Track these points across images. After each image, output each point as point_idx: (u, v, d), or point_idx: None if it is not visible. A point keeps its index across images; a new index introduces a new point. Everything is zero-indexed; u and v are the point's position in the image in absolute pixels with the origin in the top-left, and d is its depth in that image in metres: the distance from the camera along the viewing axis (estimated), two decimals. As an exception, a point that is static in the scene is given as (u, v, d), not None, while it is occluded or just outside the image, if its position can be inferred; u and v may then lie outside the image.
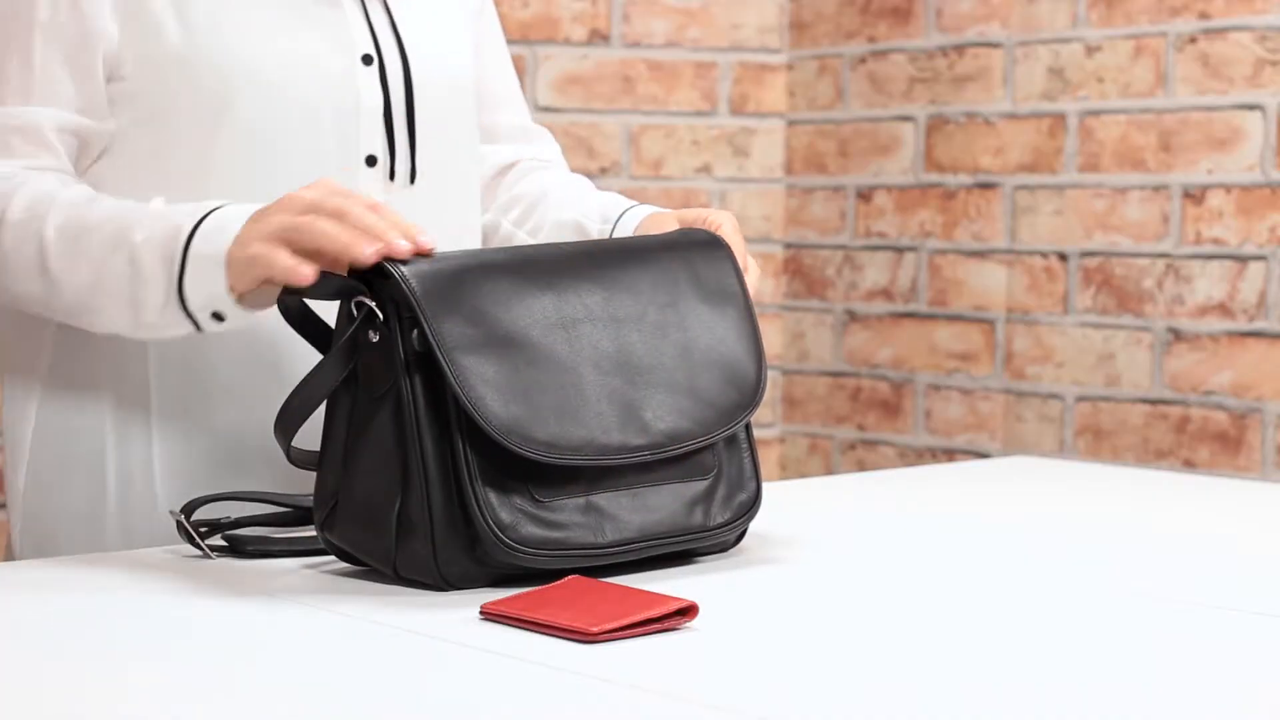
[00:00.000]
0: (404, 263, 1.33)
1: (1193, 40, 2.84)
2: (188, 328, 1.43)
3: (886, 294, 3.25)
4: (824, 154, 3.34)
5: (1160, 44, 2.87)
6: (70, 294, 1.47)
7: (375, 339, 1.34)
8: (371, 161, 1.56)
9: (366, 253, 1.32)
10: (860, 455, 3.31)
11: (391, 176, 1.58)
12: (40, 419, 1.58)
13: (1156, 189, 2.89)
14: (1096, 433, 2.97)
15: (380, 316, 1.33)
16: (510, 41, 3.14)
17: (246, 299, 1.40)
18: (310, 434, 1.55)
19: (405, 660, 1.15)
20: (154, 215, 1.43)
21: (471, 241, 1.67)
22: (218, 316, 1.41)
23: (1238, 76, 2.79)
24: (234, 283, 1.39)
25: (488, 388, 1.32)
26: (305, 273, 1.33)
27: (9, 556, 1.63)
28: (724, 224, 1.54)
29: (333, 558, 1.42)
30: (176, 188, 1.51)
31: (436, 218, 1.58)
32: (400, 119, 1.58)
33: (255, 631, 1.23)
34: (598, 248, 1.45)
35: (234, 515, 1.47)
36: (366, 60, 1.57)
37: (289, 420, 1.36)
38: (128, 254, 1.43)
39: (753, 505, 1.46)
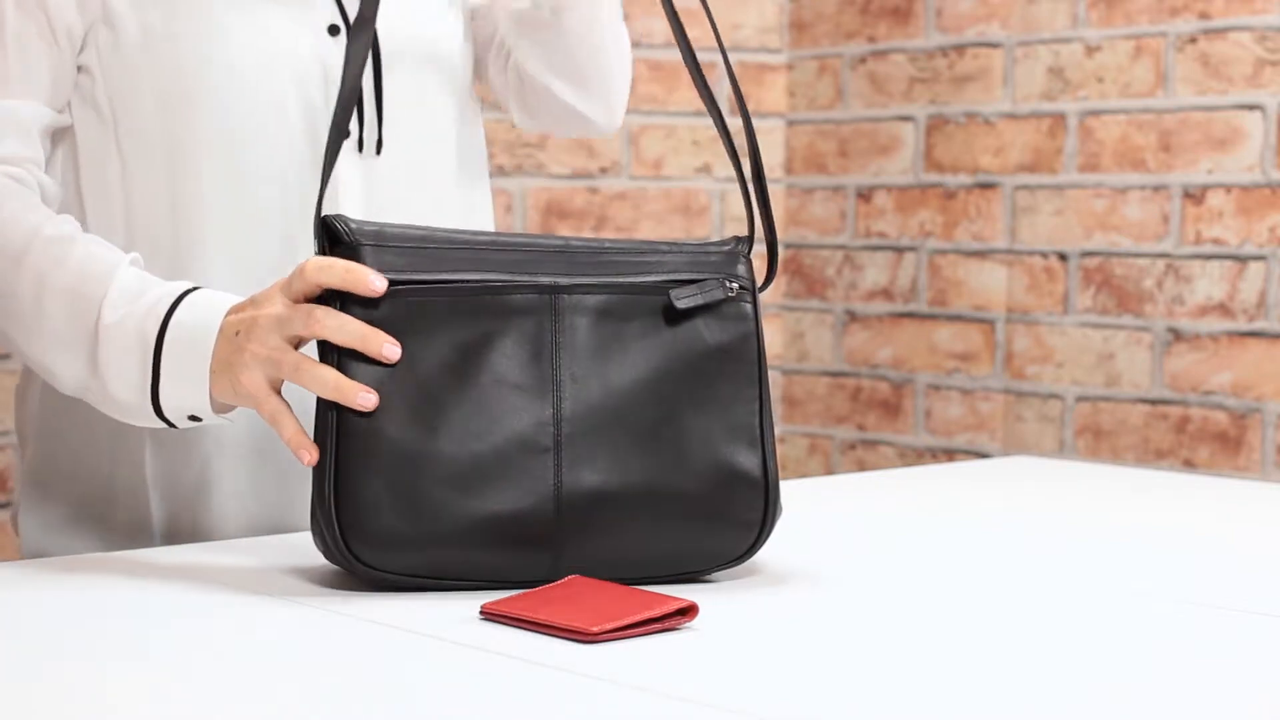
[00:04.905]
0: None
1: (1193, 40, 2.84)
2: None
3: (886, 294, 3.25)
4: (824, 154, 3.34)
5: (1160, 44, 2.87)
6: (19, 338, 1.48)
7: None
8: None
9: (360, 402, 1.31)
10: (860, 455, 3.31)
11: (360, 147, 1.58)
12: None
13: (1156, 189, 2.89)
14: (1096, 433, 2.97)
15: None
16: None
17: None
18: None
19: (405, 660, 1.15)
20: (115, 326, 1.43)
21: (447, 216, 1.66)
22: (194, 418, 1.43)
23: (1238, 76, 2.79)
24: (216, 398, 1.40)
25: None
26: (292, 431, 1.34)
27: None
28: None
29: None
30: (151, 176, 1.52)
31: (407, 190, 1.59)
32: (370, 90, 1.58)
33: (254, 631, 1.23)
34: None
35: None
36: (333, 31, 1.57)
37: None
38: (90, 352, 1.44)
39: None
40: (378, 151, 1.58)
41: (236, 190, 1.53)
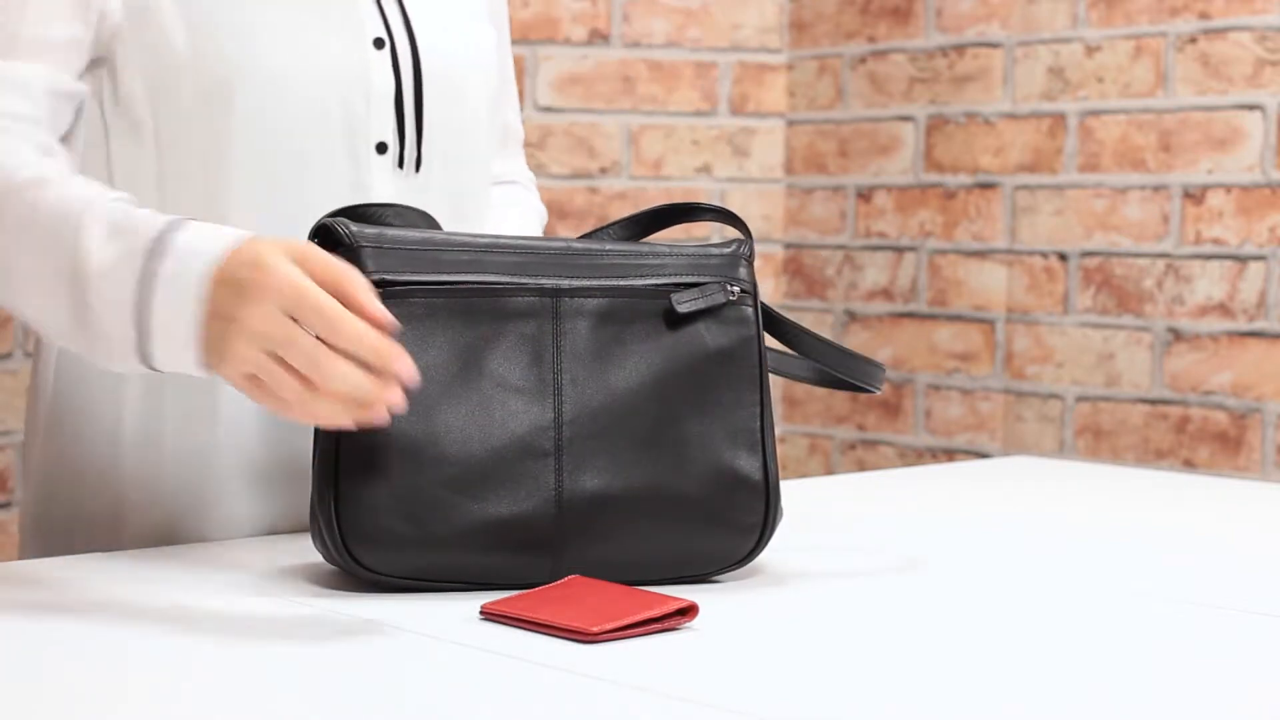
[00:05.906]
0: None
1: (1193, 40, 2.84)
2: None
3: (886, 294, 3.25)
4: (824, 154, 3.34)
5: (1160, 44, 2.87)
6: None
7: None
8: (382, 148, 1.55)
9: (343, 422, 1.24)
10: (860, 455, 3.31)
11: (400, 164, 1.57)
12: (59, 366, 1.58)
13: (1156, 189, 2.89)
14: (1096, 433, 2.97)
15: None
16: (510, 41, 3.14)
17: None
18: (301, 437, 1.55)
19: (405, 660, 1.15)
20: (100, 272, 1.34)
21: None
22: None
23: (1238, 76, 2.79)
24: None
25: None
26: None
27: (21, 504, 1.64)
28: None
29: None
30: (186, 186, 1.51)
31: (445, 207, 1.58)
32: (410, 105, 1.57)
33: (254, 631, 1.23)
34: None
35: None
36: (378, 44, 1.55)
37: None
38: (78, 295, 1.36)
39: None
40: (417, 169, 1.58)
41: (273, 201, 1.51)
